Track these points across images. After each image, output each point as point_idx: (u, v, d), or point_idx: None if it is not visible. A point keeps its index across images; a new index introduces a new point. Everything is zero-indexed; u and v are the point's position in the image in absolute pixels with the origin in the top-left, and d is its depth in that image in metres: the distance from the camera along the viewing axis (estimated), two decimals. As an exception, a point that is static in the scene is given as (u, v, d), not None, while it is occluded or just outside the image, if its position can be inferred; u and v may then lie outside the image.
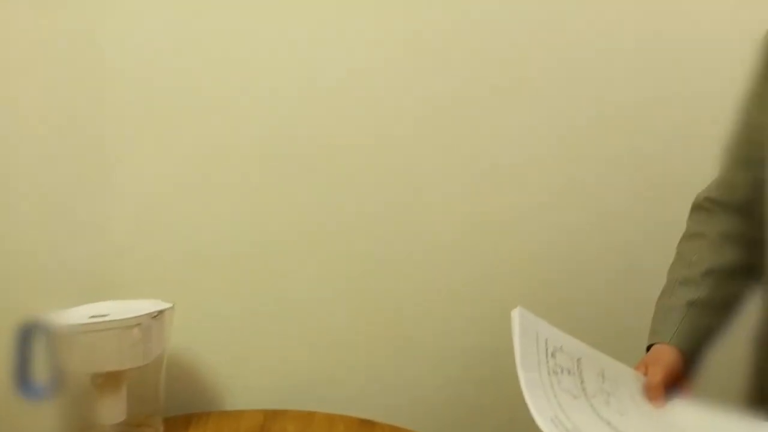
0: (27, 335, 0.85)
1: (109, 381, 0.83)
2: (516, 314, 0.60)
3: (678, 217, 0.83)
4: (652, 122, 1.09)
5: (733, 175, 0.76)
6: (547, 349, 0.60)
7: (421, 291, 1.10)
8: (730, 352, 0.74)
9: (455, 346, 1.11)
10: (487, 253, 1.10)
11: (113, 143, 0.98)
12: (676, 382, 0.66)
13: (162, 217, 1.01)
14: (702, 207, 0.79)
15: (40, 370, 0.86)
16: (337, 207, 1.06)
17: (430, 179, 1.07)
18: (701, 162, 0.84)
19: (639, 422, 0.60)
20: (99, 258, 0.98)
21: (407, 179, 1.06)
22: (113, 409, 0.84)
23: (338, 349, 1.09)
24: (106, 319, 0.81)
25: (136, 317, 0.81)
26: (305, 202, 1.05)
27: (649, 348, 0.72)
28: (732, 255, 0.74)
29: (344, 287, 1.08)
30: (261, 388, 1.07)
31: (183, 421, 0.98)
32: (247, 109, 1.01)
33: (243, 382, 1.07)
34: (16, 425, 0.92)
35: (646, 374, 0.66)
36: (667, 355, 0.68)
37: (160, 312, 0.84)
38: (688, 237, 0.79)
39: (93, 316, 0.83)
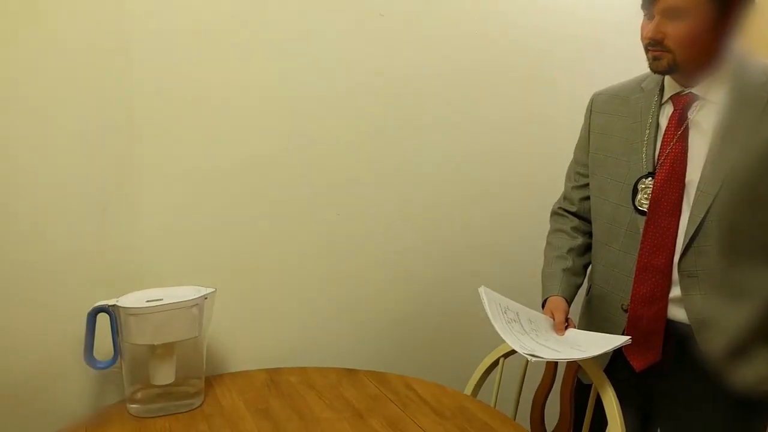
0: (94, 318, 1.05)
1: (165, 350, 1.06)
2: (482, 290, 1.08)
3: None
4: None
5: (571, 194, 1.24)
6: (501, 309, 1.08)
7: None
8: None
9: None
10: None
11: (144, 148, 1.15)
12: (566, 316, 1.14)
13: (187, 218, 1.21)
14: (557, 213, 1.29)
15: (107, 345, 1.07)
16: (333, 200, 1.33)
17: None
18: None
19: (554, 341, 1.07)
20: (136, 252, 1.18)
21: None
22: (166, 372, 1.07)
23: (322, 318, 1.38)
24: (165, 302, 1.04)
25: (194, 299, 1.04)
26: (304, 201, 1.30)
27: (544, 301, 1.18)
28: (580, 239, 1.22)
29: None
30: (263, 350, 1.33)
31: (209, 381, 1.21)
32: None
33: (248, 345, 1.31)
34: (87, 388, 1.12)
35: (551, 317, 1.13)
36: (559, 303, 1.14)
37: (209, 294, 1.08)
38: (552, 232, 1.27)
39: (150, 300, 1.05)
